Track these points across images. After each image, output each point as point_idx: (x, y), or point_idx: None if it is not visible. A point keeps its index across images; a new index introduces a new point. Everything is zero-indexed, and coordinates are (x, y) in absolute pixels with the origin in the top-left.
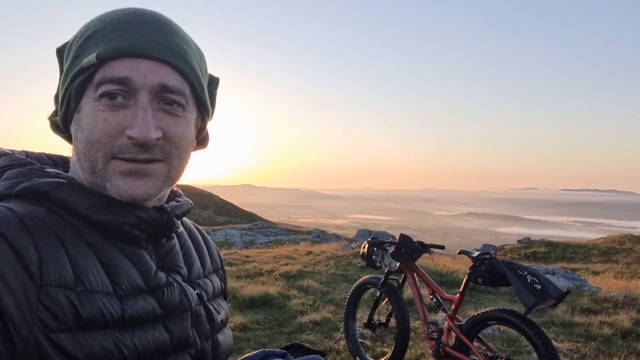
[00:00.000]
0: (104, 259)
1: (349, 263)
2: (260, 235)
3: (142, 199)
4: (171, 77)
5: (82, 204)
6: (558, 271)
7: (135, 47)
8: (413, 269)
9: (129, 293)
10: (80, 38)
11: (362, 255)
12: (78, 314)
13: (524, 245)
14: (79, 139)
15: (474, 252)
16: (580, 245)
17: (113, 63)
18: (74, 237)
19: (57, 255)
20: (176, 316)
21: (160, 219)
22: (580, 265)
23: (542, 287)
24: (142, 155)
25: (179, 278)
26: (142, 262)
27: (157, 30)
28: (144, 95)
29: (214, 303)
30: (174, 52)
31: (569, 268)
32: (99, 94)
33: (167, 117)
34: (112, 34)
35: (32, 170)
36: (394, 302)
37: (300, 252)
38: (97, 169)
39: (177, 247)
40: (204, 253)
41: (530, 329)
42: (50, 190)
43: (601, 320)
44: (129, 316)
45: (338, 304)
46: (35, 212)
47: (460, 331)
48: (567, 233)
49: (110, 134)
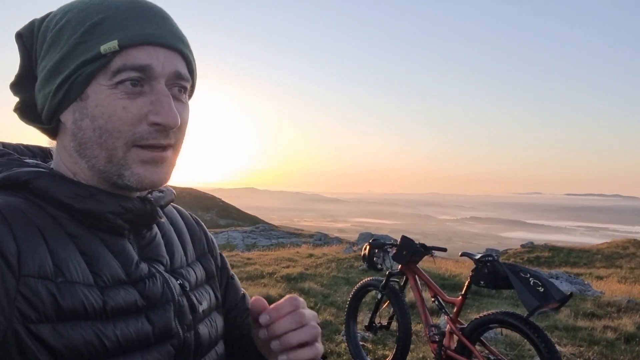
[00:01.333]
0: (84, 250)
1: (351, 266)
2: (262, 238)
3: (159, 184)
4: (182, 65)
5: (64, 193)
6: (561, 276)
7: (155, 35)
8: (415, 271)
9: (110, 284)
10: (81, 25)
11: (363, 257)
12: (58, 305)
13: (527, 249)
14: (85, 128)
15: (476, 255)
16: (584, 250)
17: (132, 50)
18: (54, 227)
19: (36, 246)
20: (158, 307)
21: (144, 209)
22: (584, 270)
23: (544, 290)
24: (164, 140)
25: (161, 268)
26: (124, 253)
27: (166, 20)
28: (161, 82)
29: (197, 292)
30: (183, 41)
31: (572, 273)
32: (117, 81)
33: (178, 104)
34: (126, 22)
35: (10, 161)
36: (396, 304)
37: (302, 254)
38: (116, 158)
39: (158, 237)
40: (187, 241)
41: (533, 332)
42: (31, 180)
43: (605, 325)
44: (110, 307)
45: (339, 306)
46: (14, 203)
47: (462, 334)
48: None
49: (131, 122)
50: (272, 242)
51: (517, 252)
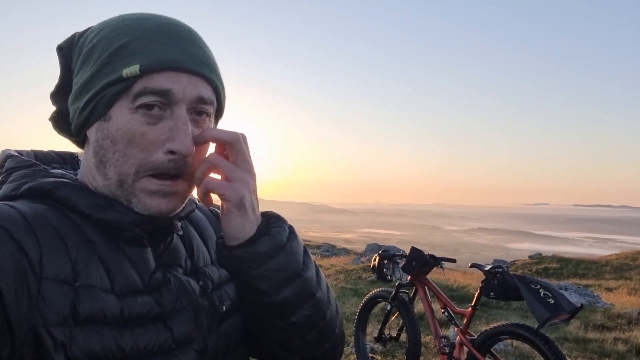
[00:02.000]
0: (104, 257)
1: (359, 277)
2: None
3: (167, 214)
4: (206, 89)
5: (84, 203)
6: (570, 287)
7: (178, 60)
8: (424, 282)
9: (126, 293)
10: (110, 45)
11: (373, 268)
12: (76, 310)
13: (536, 260)
14: (107, 148)
15: (486, 266)
16: (593, 262)
17: (154, 75)
18: (75, 233)
19: (58, 251)
20: (176, 313)
21: (162, 221)
22: (592, 281)
23: (555, 301)
24: (174, 170)
25: (180, 271)
26: (141, 261)
27: (193, 44)
28: (182, 108)
29: (221, 292)
30: (209, 66)
31: (581, 284)
32: (137, 105)
33: (194, 127)
34: (151, 45)
35: (36, 172)
36: (405, 316)
37: None
38: (126, 184)
39: (176, 241)
40: (211, 237)
41: (544, 344)
42: (53, 190)
43: (615, 337)
44: (127, 314)
45: (348, 318)
46: (38, 209)
47: (472, 346)
48: (579, 249)
49: (147, 149)
50: None
51: (525, 263)
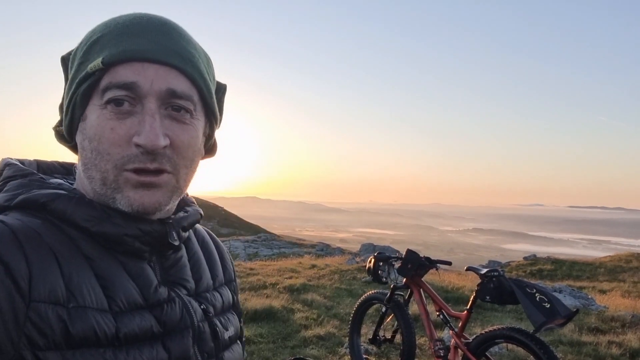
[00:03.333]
0: (101, 273)
1: (354, 277)
2: (263, 248)
3: (153, 209)
4: (179, 82)
5: (81, 215)
6: (565, 289)
7: (142, 50)
8: (419, 284)
9: (125, 309)
10: (85, 44)
11: (368, 270)
12: (68, 332)
13: (530, 262)
14: (86, 149)
15: (482, 269)
16: (587, 263)
17: (119, 68)
18: (70, 250)
19: (49, 270)
20: (176, 334)
21: (163, 232)
22: (586, 283)
23: (551, 306)
24: (150, 164)
25: (183, 292)
26: (142, 276)
27: (164, 34)
28: (151, 101)
29: (222, 317)
30: (182, 56)
31: (575, 286)
32: (105, 100)
33: (175, 124)
34: (118, 38)
35: (32, 182)
36: (400, 318)
37: (305, 265)
38: (108, 181)
39: (184, 259)
40: (216, 264)
41: (540, 348)
42: (48, 202)
43: (609, 340)
44: (123, 334)
45: (342, 318)
46: (31, 225)
47: (467, 349)
48: (573, 250)
49: (118, 144)
50: (273, 252)
51: (520, 264)
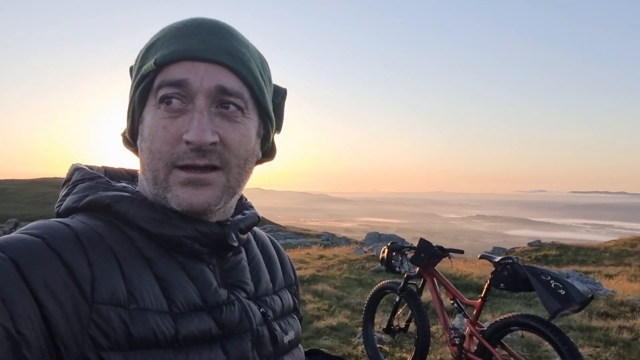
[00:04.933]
0: (160, 275)
1: (362, 267)
2: None
3: (201, 209)
4: (229, 79)
5: (142, 217)
6: (572, 274)
7: (192, 50)
8: (433, 273)
9: (184, 311)
10: (144, 50)
11: (382, 260)
12: (129, 333)
13: (535, 248)
14: (143, 150)
15: (496, 257)
16: (592, 248)
17: (171, 67)
18: (131, 252)
19: (110, 272)
20: (235, 336)
21: (222, 233)
22: (592, 268)
23: (566, 292)
24: (199, 160)
25: (243, 295)
26: (202, 277)
27: (215, 34)
28: (200, 98)
29: (283, 321)
30: (232, 55)
31: (581, 271)
32: (158, 99)
33: (225, 122)
34: (171, 40)
35: (98, 184)
36: (414, 307)
37: (313, 256)
38: (159, 180)
39: (243, 262)
40: (276, 267)
41: (555, 335)
42: (111, 204)
43: (620, 325)
44: (182, 336)
45: (354, 308)
46: (94, 227)
47: (482, 337)
48: (577, 235)
49: (169, 142)
50: (279, 243)
51: (525, 250)
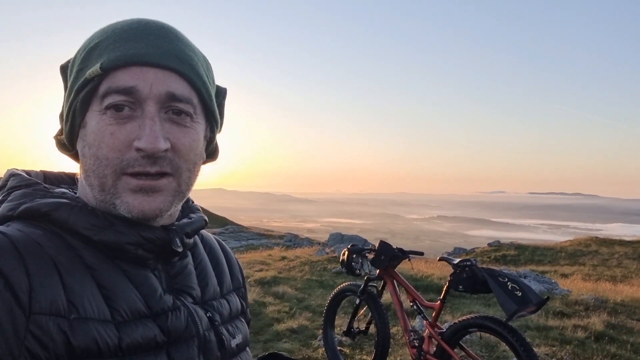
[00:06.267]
0: (103, 283)
1: (324, 268)
2: (232, 240)
3: (152, 215)
4: (178, 85)
5: (82, 224)
6: (529, 274)
7: (140, 55)
8: (393, 275)
9: (128, 319)
10: (83, 51)
11: (342, 262)
12: (69, 344)
13: (494, 248)
14: (86, 156)
15: (454, 260)
16: (549, 248)
17: (118, 73)
18: (71, 260)
19: (50, 282)
20: (181, 343)
21: (167, 238)
22: (548, 267)
23: (522, 294)
24: (151, 168)
25: (189, 300)
26: (146, 284)
27: (162, 38)
28: (150, 105)
29: (230, 325)
30: (181, 59)
31: (538, 271)
32: (105, 106)
33: (175, 127)
34: (116, 43)
35: (35, 191)
36: (374, 309)
37: (274, 257)
38: (106, 186)
39: (190, 267)
40: (224, 271)
41: (512, 336)
42: (50, 211)
43: (574, 324)
44: (126, 344)
45: (314, 310)
46: (32, 235)
47: (441, 339)
48: (534, 235)
49: (118, 149)
50: (242, 244)
51: (485, 250)
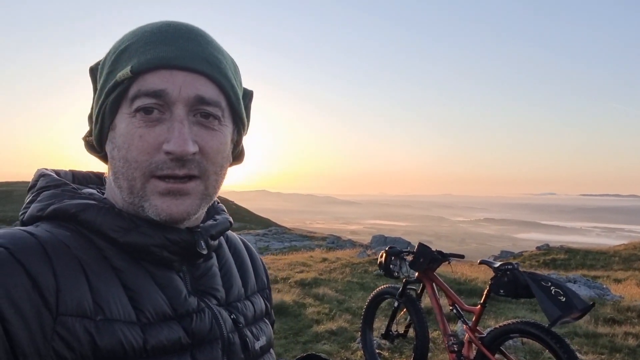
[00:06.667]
0: (129, 285)
1: (365, 271)
2: (274, 241)
3: (180, 218)
4: (207, 88)
5: (109, 226)
6: (579, 279)
7: (170, 58)
8: (432, 278)
9: (153, 321)
10: (114, 53)
11: (380, 264)
12: (95, 345)
13: (543, 252)
14: (115, 158)
15: (495, 263)
16: (601, 252)
17: (147, 76)
18: (98, 261)
19: (76, 283)
20: (205, 345)
21: (192, 241)
22: (601, 272)
23: (566, 299)
24: (179, 170)
25: (214, 302)
26: (171, 286)
27: (192, 41)
28: (179, 107)
29: (254, 327)
30: (210, 63)
31: (589, 276)
32: (134, 108)
33: (204, 131)
34: (146, 46)
35: (64, 192)
36: (413, 312)
37: (316, 259)
38: (135, 189)
39: (214, 268)
40: (248, 272)
41: (555, 343)
42: (78, 212)
43: (625, 331)
44: (151, 346)
45: (354, 312)
46: (60, 237)
47: (481, 344)
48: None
49: (147, 151)
50: (284, 245)
51: (533, 254)
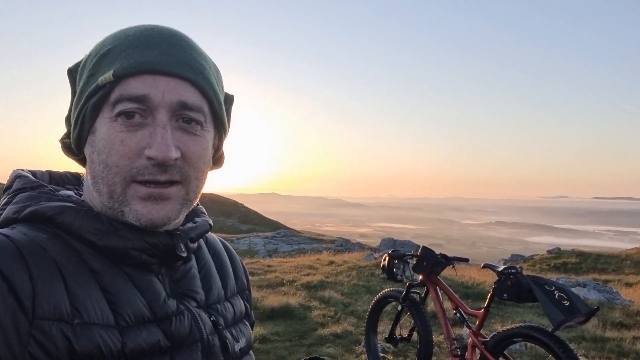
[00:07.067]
0: (107, 287)
1: (372, 274)
2: (283, 244)
3: (161, 224)
4: (190, 94)
5: (87, 229)
6: (589, 283)
7: (153, 63)
8: (436, 282)
9: (132, 324)
10: (95, 56)
11: (383, 267)
12: (72, 349)
13: (554, 255)
14: (95, 162)
15: (499, 266)
16: (613, 256)
17: (130, 80)
18: (76, 264)
19: (53, 286)
20: (185, 348)
21: (171, 244)
22: (612, 276)
23: (570, 303)
24: (161, 176)
25: (193, 304)
26: (150, 289)
27: (175, 46)
28: (162, 113)
29: (234, 329)
30: (193, 68)
31: (600, 280)
32: (116, 113)
33: (186, 136)
34: (129, 50)
35: (41, 194)
36: (416, 316)
37: (322, 261)
38: (115, 194)
39: (193, 270)
40: (228, 273)
41: (559, 347)
42: (55, 215)
43: (634, 336)
44: (129, 350)
45: (360, 316)
46: (37, 239)
47: (485, 348)
48: (599, 242)
49: (128, 156)
50: (293, 248)
51: (544, 258)
